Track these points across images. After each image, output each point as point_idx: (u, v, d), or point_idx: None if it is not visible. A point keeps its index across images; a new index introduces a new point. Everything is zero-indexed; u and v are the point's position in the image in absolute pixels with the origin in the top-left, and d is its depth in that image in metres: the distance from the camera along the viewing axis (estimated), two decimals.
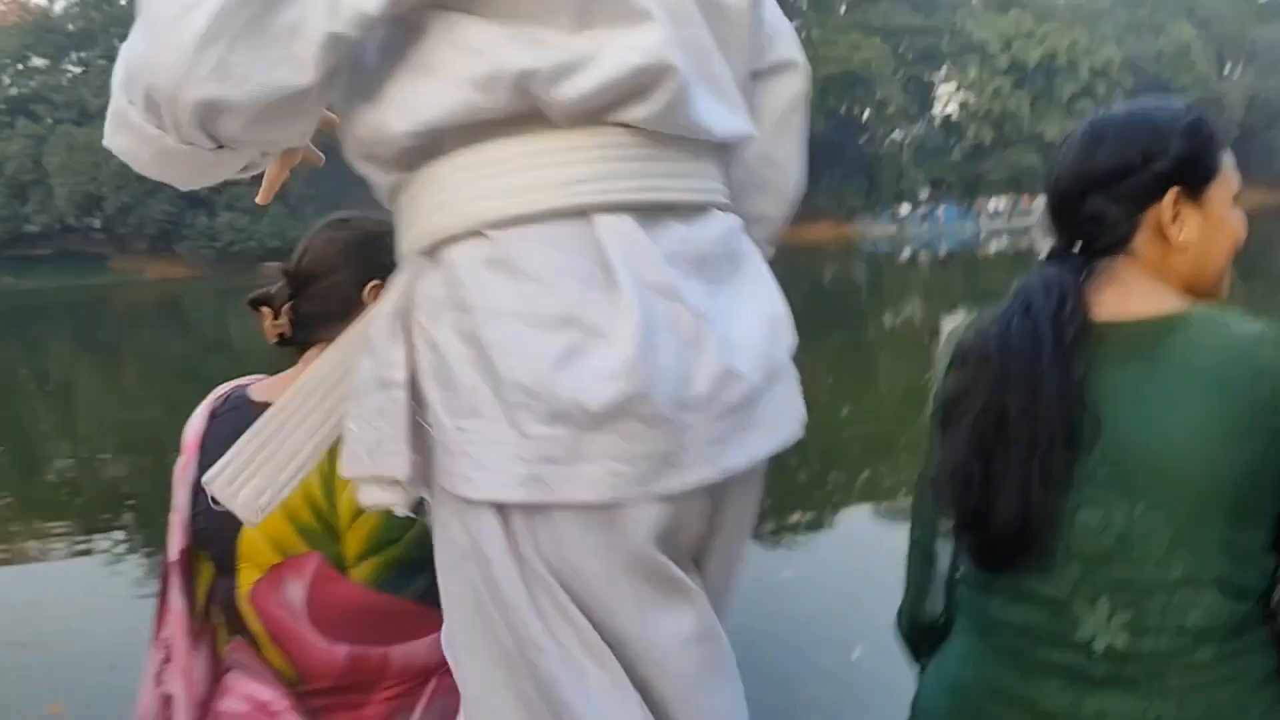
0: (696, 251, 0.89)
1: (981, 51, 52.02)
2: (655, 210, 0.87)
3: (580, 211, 0.84)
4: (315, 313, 1.49)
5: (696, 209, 0.91)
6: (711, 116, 0.90)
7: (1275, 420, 1.06)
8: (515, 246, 0.83)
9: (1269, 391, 1.05)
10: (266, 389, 1.48)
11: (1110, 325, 1.15)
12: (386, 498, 0.88)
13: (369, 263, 1.51)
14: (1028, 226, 44.22)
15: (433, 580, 1.38)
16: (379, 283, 1.50)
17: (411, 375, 0.86)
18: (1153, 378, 1.10)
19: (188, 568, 1.47)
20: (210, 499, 0.95)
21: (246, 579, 1.39)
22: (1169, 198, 1.16)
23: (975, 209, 51.58)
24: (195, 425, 1.47)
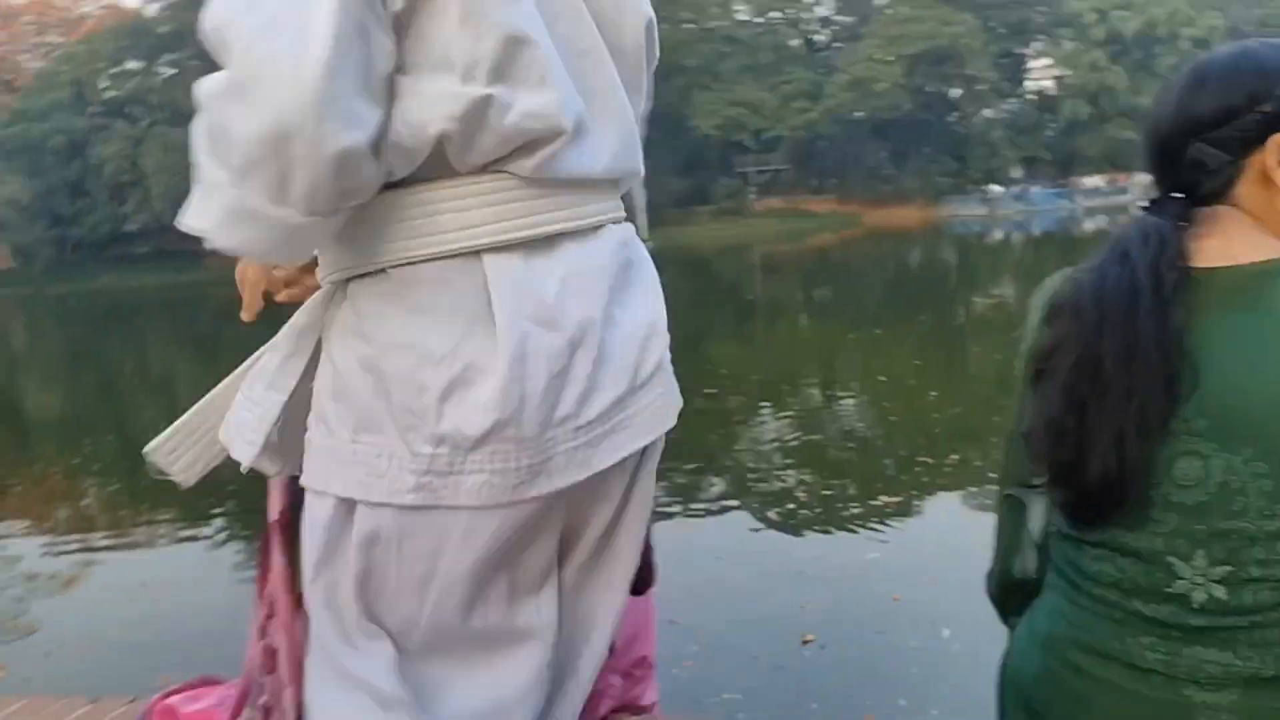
0: (592, 267, 0.99)
1: (1076, 24, 50.54)
2: (548, 239, 0.97)
3: (472, 253, 0.93)
4: None
5: (591, 230, 1.01)
6: (596, 161, 1.00)
7: None
8: (412, 285, 0.94)
9: None
10: None
11: (1210, 272, 1.11)
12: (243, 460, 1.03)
13: None
14: (1127, 204, 42.95)
15: None
16: None
17: (297, 387, 0.97)
18: (1254, 326, 1.07)
19: (287, 527, 1.51)
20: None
21: None
22: (1274, 142, 1.12)
23: (1071, 187, 50.25)
24: None
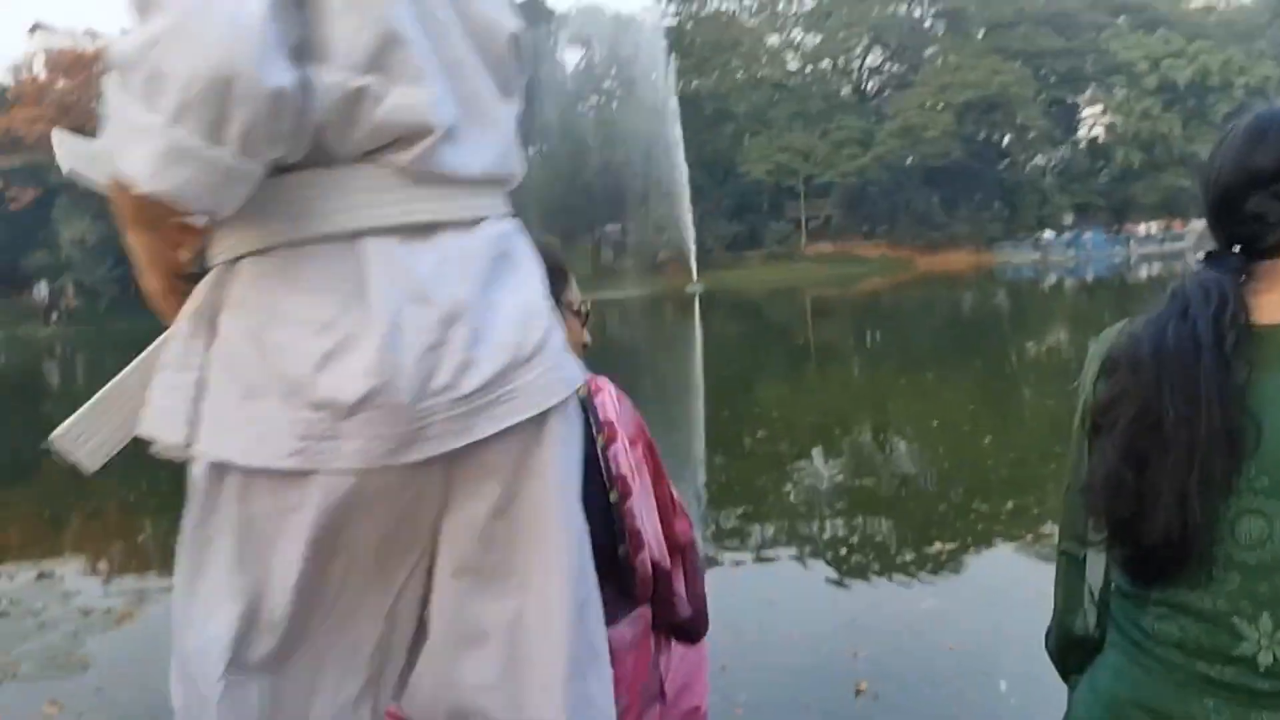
0: (467, 253, 1.04)
1: (1128, 72, 50.19)
2: (427, 227, 1.03)
3: (351, 235, 1.00)
4: None
5: (471, 223, 1.07)
6: (472, 163, 1.06)
7: None
8: (295, 264, 1.00)
9: None
10: None
11: (1272, 329, 1.10)
12: (165, 448, 1.05)
13: None
14: (1181, 251, 42.32)
15: None
16: None
17: (204, 364, 1.02)
18: None
19: None
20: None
21: None
22: None
23: (1124, 234, 49.66)
24: None
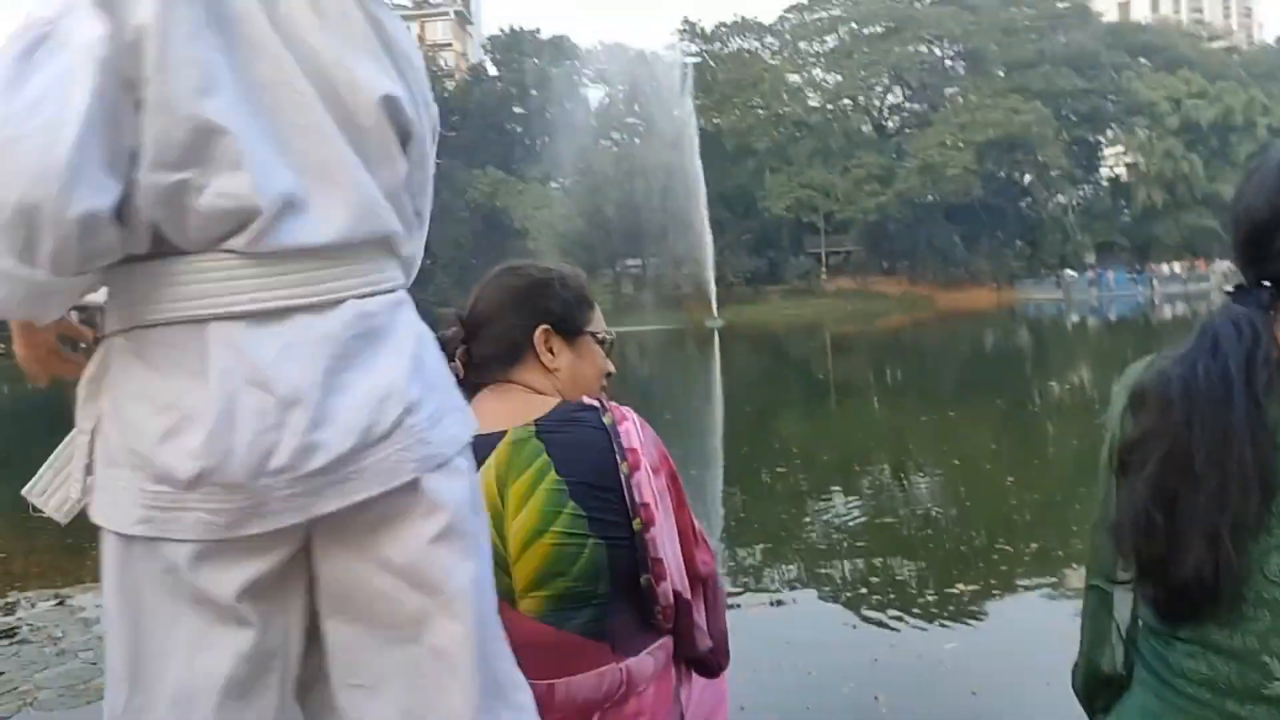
0: (317, 337, 1.07)
1: (1150, 112, 50.21)
2: (281, 311, 1.06)
3: (199, 320, 1.05)
4: (487, 355, 1.56)
5: (330, 304, 1.09)
6: (320, 232, 1.08)
7: None
8: (149, 345, 1.07)
9: None
10: None
11: None
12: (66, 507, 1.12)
13: (538, 308, 1.57)
14: (1205, 291, 42.06)
15: (596, 614, 1.41)
16: (548, 327, 1.56)
17: (94, 429, 1.10)
18: None
19: None
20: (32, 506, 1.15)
21: None
22: None
23: (1147, 273, 49.43)
24: None
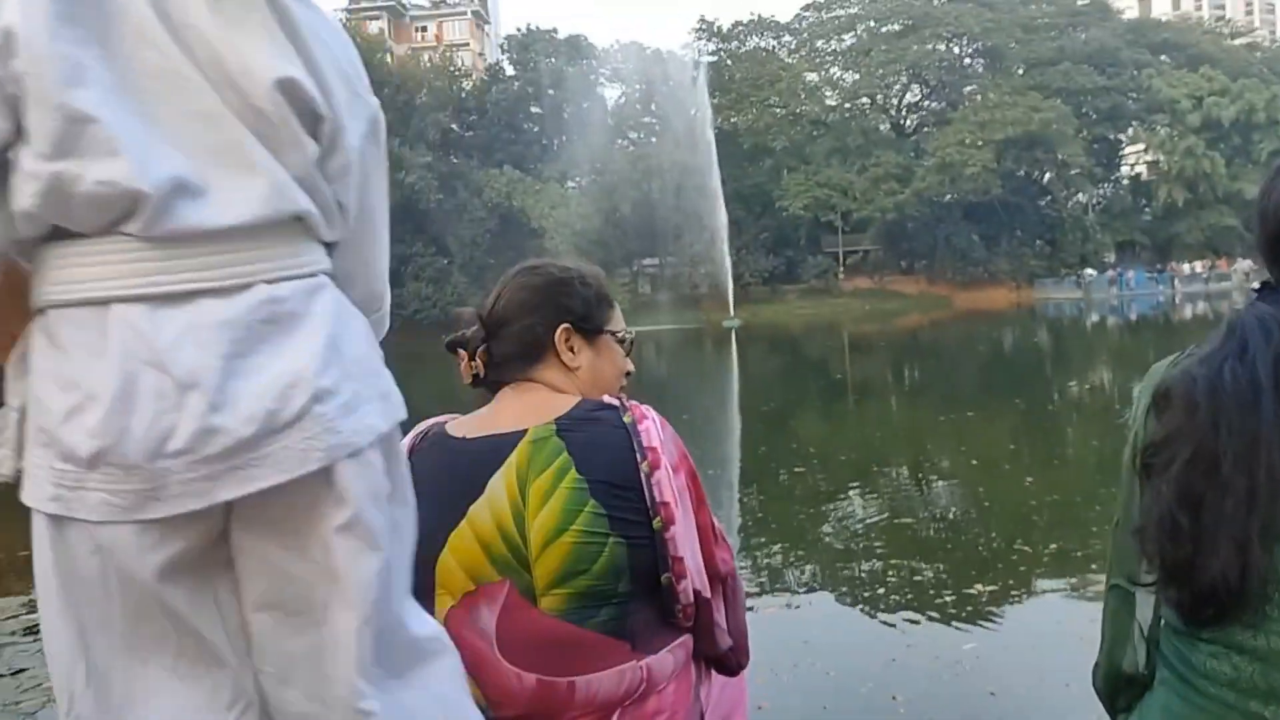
0: (219, 321, 1.08)
1: (1171, 110, 49.83)
2: (186, 295, 1.08)
3: (102, 301, 1.07)
4: (508, 354, 1.57)
5: (238, 288, 1.10)
6: (222, 214, 1.09)
7: None
8: (59, 325, 1.08)
9: None
10: (463, 426, 1.56)
11: None
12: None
13: (559, 306, 1.58)
14: (1227, 290, 41.71)
15: (616, 612, 1.42)
16: (569, 326, 1.57)
17: (22, 405, 1.11)
18: None
19: None
20: None
21: (442, 605, 1.45)
22: None
23: (1168, 272, 49.07)
24: None
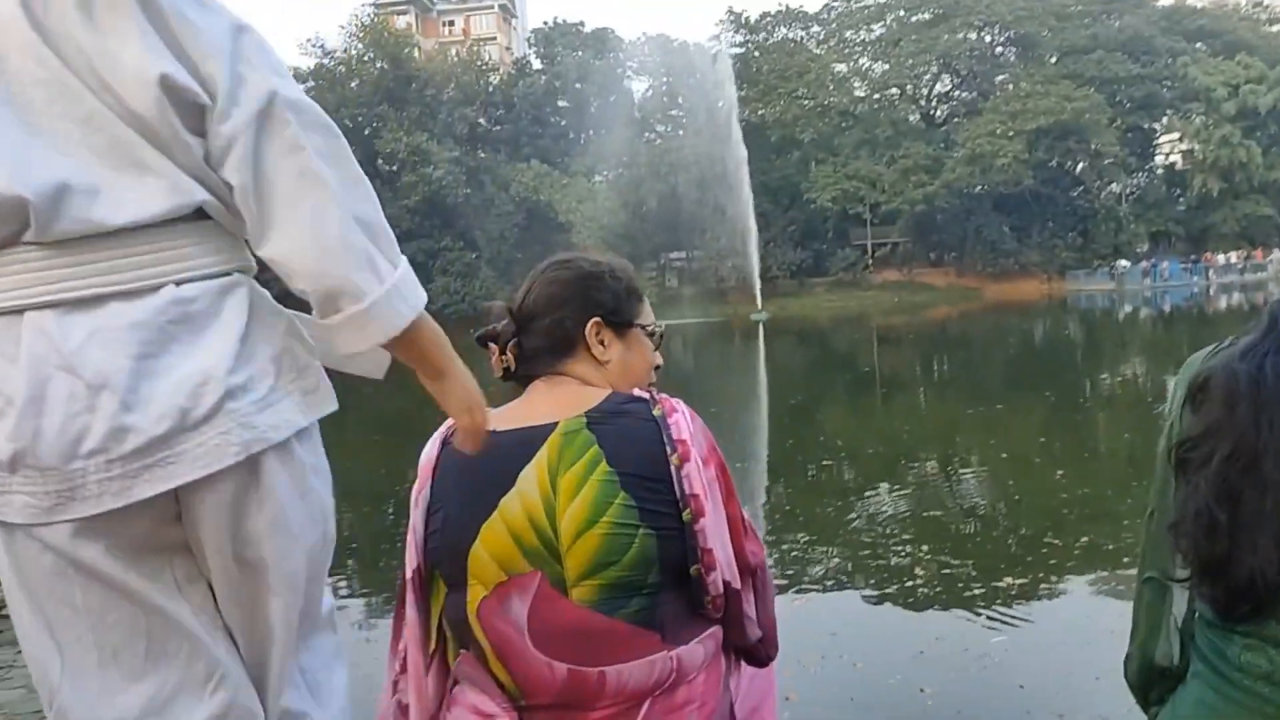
0: (128, 323, 1.12)
1: (1206, 98, 49.04)
2: (96, 299, 1.12)
3: (17, 310, 1.12)
4: (538, 348, 1.58)
5: (149, 290, 1.14)
6: (117, 212, 1.13)
7: None
8: None
9: None
10: (494, 418, 1.57)
11: None
12: None
13: (589, 301, 1.59)
14: (1263, 281, 41.12)
15: (646, 603, 1.43)
16: (599, 319, 1.58)
17: None
18: None
19: (421, 585, 1.57)
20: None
21: (475, 596, 1.47)
22: None
23: (1203, 263, 48.40)
24: (429, 452, 1.58)
